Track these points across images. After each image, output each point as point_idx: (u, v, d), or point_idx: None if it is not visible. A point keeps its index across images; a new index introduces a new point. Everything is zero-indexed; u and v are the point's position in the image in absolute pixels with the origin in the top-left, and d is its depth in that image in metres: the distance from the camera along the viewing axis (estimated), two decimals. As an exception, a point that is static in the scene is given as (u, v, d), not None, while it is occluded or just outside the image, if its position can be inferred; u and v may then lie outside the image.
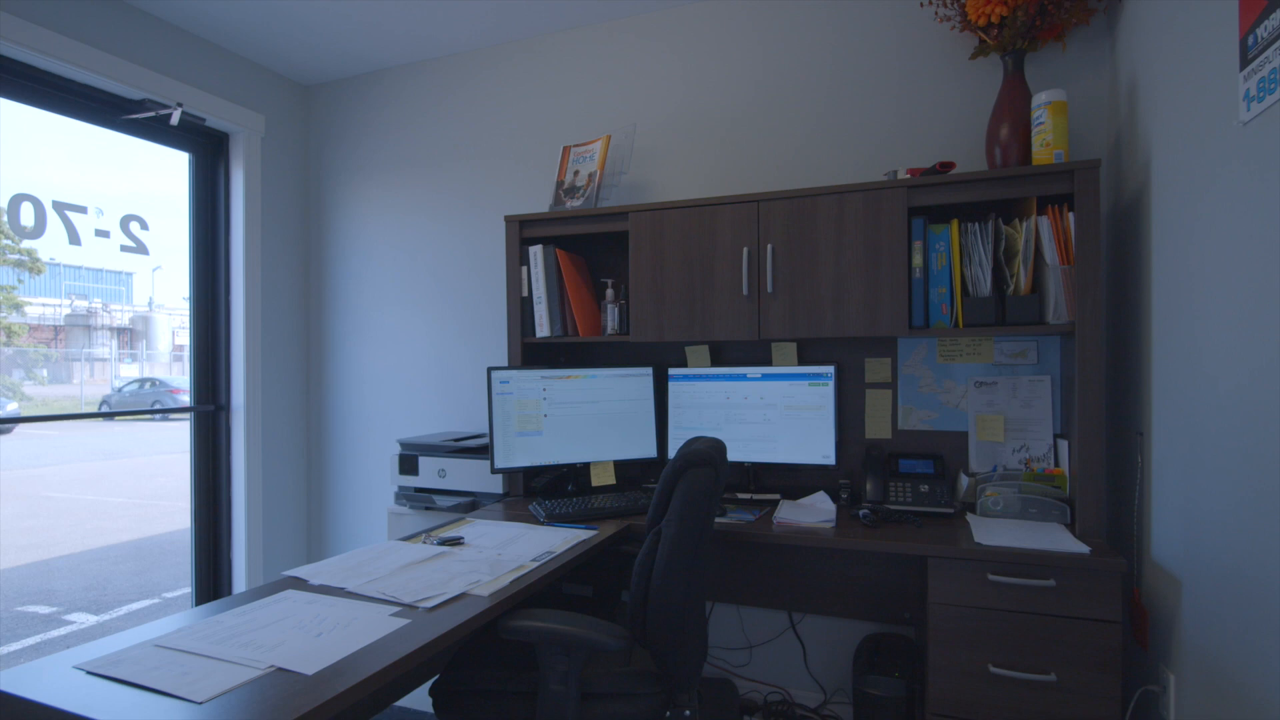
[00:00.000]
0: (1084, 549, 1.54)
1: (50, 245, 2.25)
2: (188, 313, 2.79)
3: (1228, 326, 1.27)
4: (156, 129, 2.54)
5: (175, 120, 2.47)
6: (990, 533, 1.69)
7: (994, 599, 1.58)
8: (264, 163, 2.89)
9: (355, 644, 1.06)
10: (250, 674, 0.95)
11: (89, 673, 0.96)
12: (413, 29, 2.56)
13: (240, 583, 2.80)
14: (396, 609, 1.22)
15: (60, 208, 2.28)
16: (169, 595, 4.04)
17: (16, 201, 2.17)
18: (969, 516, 1.86)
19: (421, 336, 2.86)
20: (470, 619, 1.21)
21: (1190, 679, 1.42)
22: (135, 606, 3.83)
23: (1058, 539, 1.62)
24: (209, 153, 2.78)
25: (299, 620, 1.16)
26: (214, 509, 2.80)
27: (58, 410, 4.94)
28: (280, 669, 0.97)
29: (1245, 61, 1.20)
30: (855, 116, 2.20)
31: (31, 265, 2.78)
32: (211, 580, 2.79)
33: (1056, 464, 1.96)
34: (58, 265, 2.64)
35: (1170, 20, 1.53)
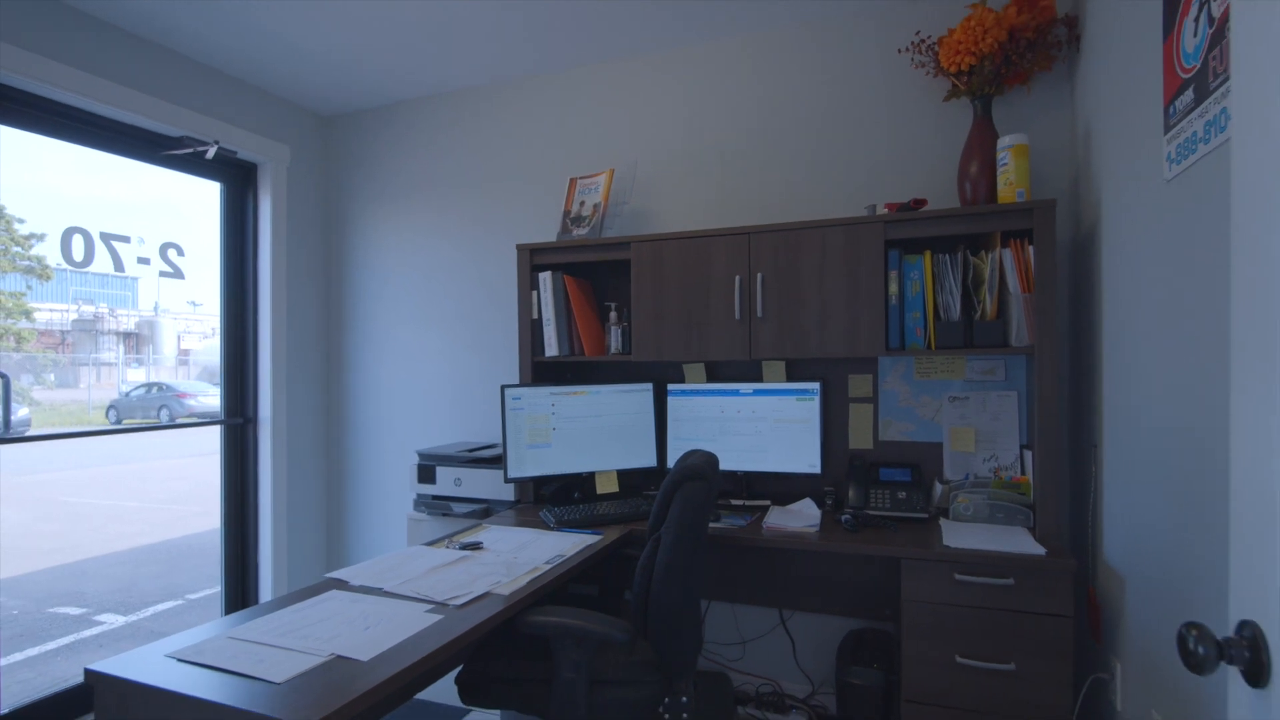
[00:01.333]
0: (1040, 550, 1.72)
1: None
2: (196, 319, 2.98)
3: (1153, 357, 1.45)
4: (193, 162, 2.73)
5: (211, 155, 2.66)
6: (959, 536, 1.86)
7: (960, 596, 1.75)
8: (289, 190, 3.08)
9: (399, 635, 1.24)
10: (315, 660, 1.13)
11: (179, 659, 1.14)
12: (426, 64, 2.74)
13: (266, 585, 2.99)
14: (430, 606, 1.41)
15: (106, 238, 2.47)
16: (192, 597, 4.23)
17: (69, 234, 2.36)
18: (942, 521, 2.03)
19: (435, 352, 3.04)
20: (494, 615, 1.39)
21: (1133, 667, 1.60)
22: (161, 608, 4.02)
23: (1019, 541, 1.80)
24: (239, 182, 2.97)
25: (347, 616, 1.34)
26: (241, 516, 2.99)
27: (66, 415, 5.10)
28: (340, 656, 1.15)
29: (1168, 127, 1.38)
30: (840, 153, 2.39)
31: (40, 271, 2.96)
32: (239, 583, 2.98)
33: (1023, 472, 2.13)
34: (64, 271, 2.77)
35: (1113, 80, 1.71)
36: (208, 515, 6.42)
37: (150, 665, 1.12)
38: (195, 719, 1.01)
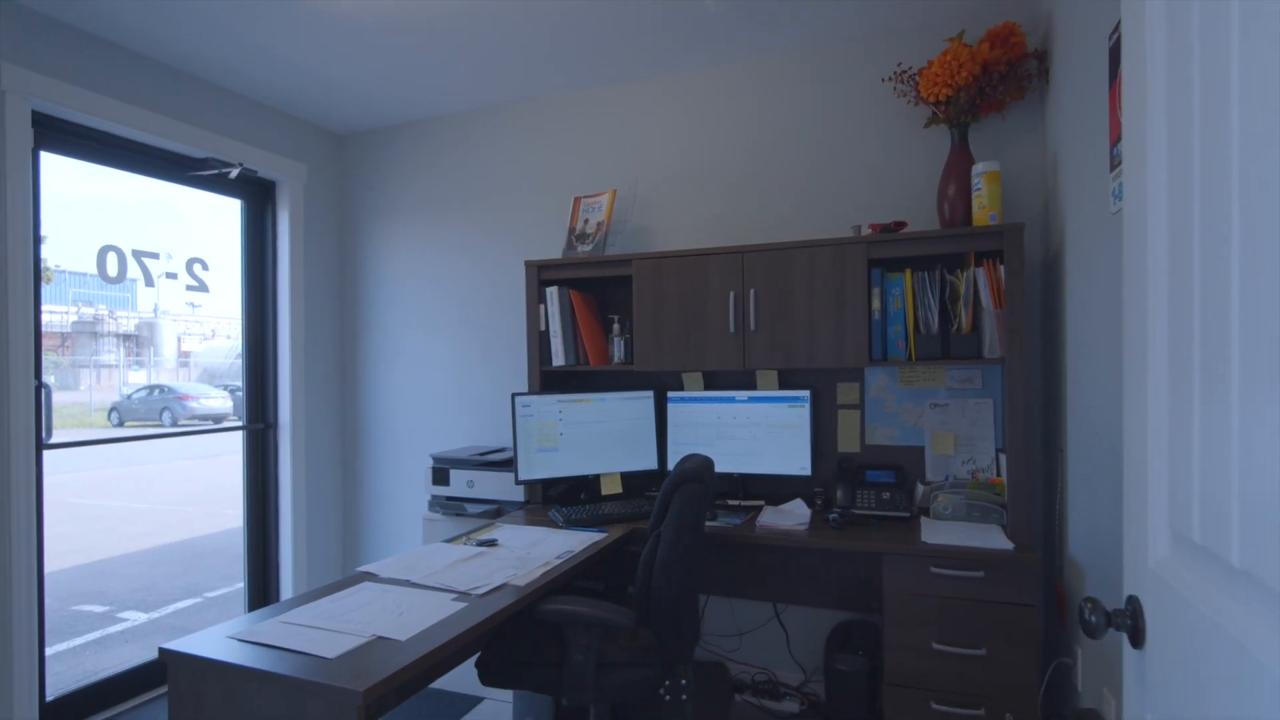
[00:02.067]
0: (1009, 546, 1.88)
1: (129, 287, 2.59)
2: (195, 320, 3.14)
3: (1102, 369, 1.61)
4: (217, 182, 2.89)
5: (234, 175, 2.83)
6: (936, 533, 2.02)
7: (936, 588, 1.91)
8: (305, 206, 3.24)
9: (430, 620, 1.40)
10: (360, 640, 1.29)
11: (240, 640, 1.30)
12: (436, 88, 2.91)
13: (287, 582, 3.14)
14: (455, 595, 1.57)
15: (138, 255, 2.63)
16: (210, 595, 4.39)
17: (104, 252, 2.52)
18: (923, 519, 2.19)
19: (445, 359, 3.20)
20: (511, 603, 1.55)
21: (1090, 652, 1.76)
22: (181, 605, 4.18)
23: (991, 538, 1.96)
24: (259, 199, 3.13)
25: (382, 604, 1.50)
26: (263, 516, 3.15)
27: (67, 417, 5.21)
28: (381, 637, 1.31)
29: (1112, 165, 1.55)
30: (828, 174, 2.55)
31: (41, 273, 3.10)
32: (261, 580, 3.14)
33: (998, 474, 2.29)
34: (64, 272, 2.90)
35: (1074, 117, 1.88)
36: (216, 517, 6.57)
37: (216, 644, 1.28)
38: (260, 689, 1.17)
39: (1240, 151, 0.59)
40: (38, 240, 2.25)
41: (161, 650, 1.27)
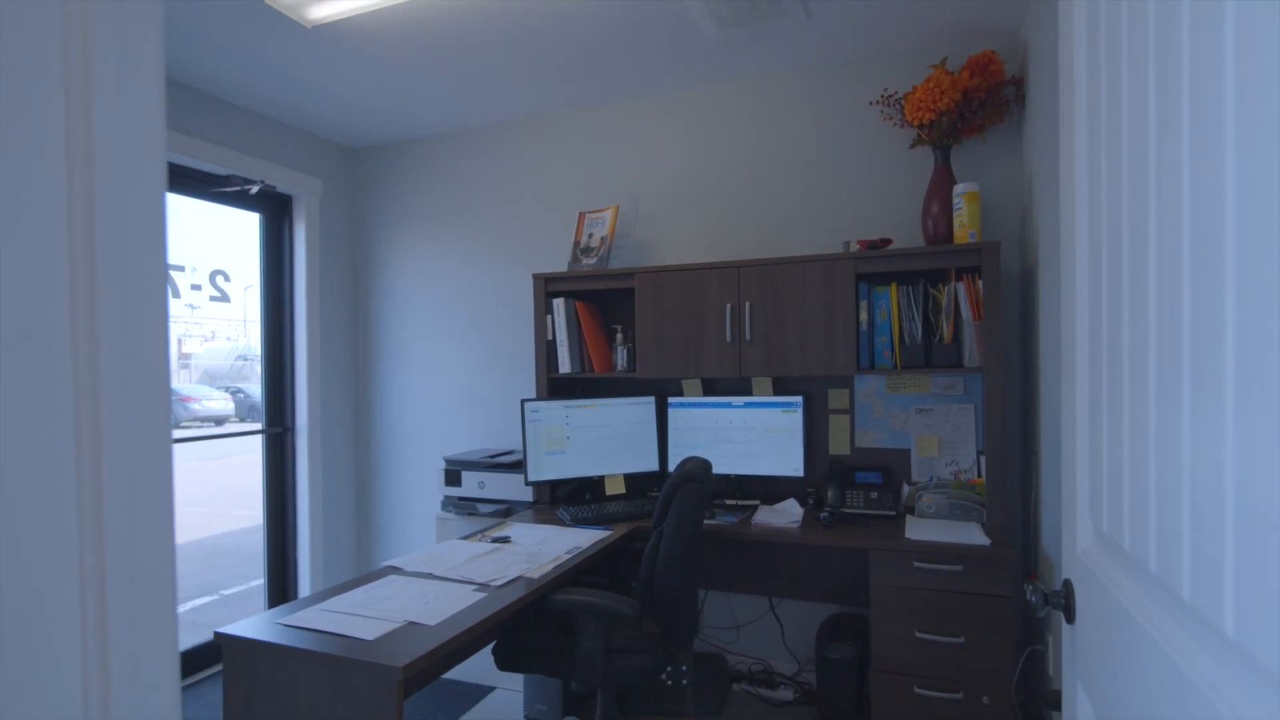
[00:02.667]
0: (985, 542, 2.02)
1: None
2: (195, 322, 3.28)
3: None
4: (238, 197, 3.04)
5: (254, 191, 2.97)
6: (919, 530, 2.17)
7: (919, 581, 2.06)
8: (321, 219, 3.38)
9: (455, 608, 1.55)
10: (393, 625, 1.44)
11: (286, 625, 1.44)
12: (447, 106, 3.05)
13: (305, 579, 3.29)
14: (475, 586, 1.71)
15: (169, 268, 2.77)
16: (227, 592, 4.53)
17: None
18: (908, 518, 2.34)
19: (454, 365, 3.35)
20: (526, 594, 1.69)
21: (1060, 640, 1.91)
22: (199, 602, 4.32)
23: (970, 535, 2.10)
24: (276, 213, 3.28)
25: (409, 595, 1.65)
26: (282, 516, 3.29)
27: None
28: (412, 622, 1.46)
29: (1076, 193, 1.69)
30: (819, 191, 2.70)
31: None
32: (280, 577, 3.28)
33: (979, 475, 2.44)
34: None
35: (1044, 143, 2.03)
36: (225, 518, 6.70)
37: (265, 628, 1.42)
38: (309, 667, 1.32)
39: (1156, 178, 0.73)
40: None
41: (217, 634, 1.41)
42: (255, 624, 1.44)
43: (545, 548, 2.09)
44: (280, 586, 3.29)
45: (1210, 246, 0.54)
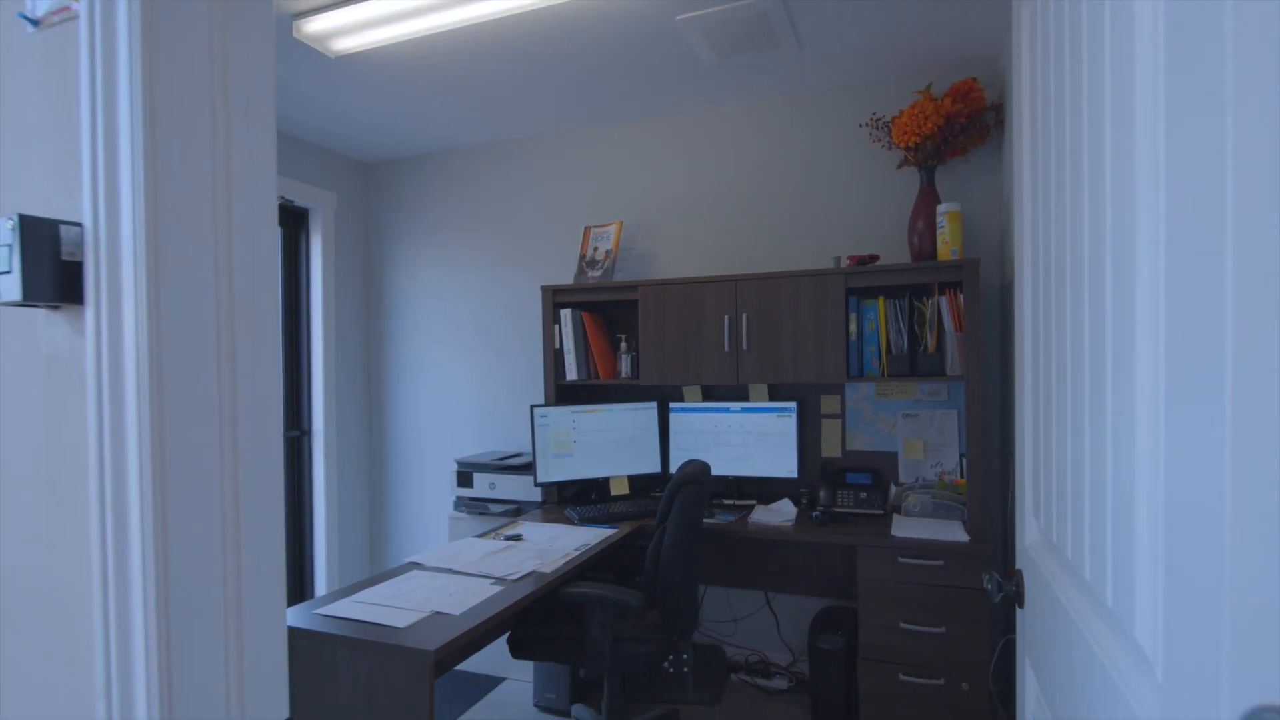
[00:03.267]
0: (965, 538, 2.18)
1: None
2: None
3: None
4: (259, 212, 3.18)
5: (275, 207, 3.12)
6: (905, 528, 2.32)
7: (903, 575, 2.21)
8: (336, 231, 3.53)
9: (476, 599, 1.70)
10: (421, 615, 1.59)
11: (324, 614, 1.59)
12: (457, 122, 3.20)
13: (321, 580, 3.43)
14: (492, 580, 1.86)
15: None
16: (240, 590, 4.67)
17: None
18: (895, 516, 2.49)
19: (464, 371, 3.50)
20: (540, 587, 1.84)
21: (1033, 628, 2.06)
22: (214, 600, 4.47)
23: (951, 532, 2.26)
24: (293, 226, 3.43)
25: (433, 588, 1.80)
26: (299, 517, 3.44)
27: None
28: (439, 612, 1.61)
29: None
30: (812, 208, 2.85)
31: None
32: (297, 577, 3.43)
33: (961, 476, 2.59)
34: None
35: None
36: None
37: (305, 617, 1.57)
38: (348, 652, 1.47)
39: (1072, 212, 0.88)
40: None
41: (262, 622, 1.56)
42: (295, 614, 1.59)
43: (555, 545, 2.24)
44: (297, 585, 3.43)
45: (1121, 271, 0.68)
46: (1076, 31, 0.78)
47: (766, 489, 2.87)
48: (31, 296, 0.58)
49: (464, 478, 2.99)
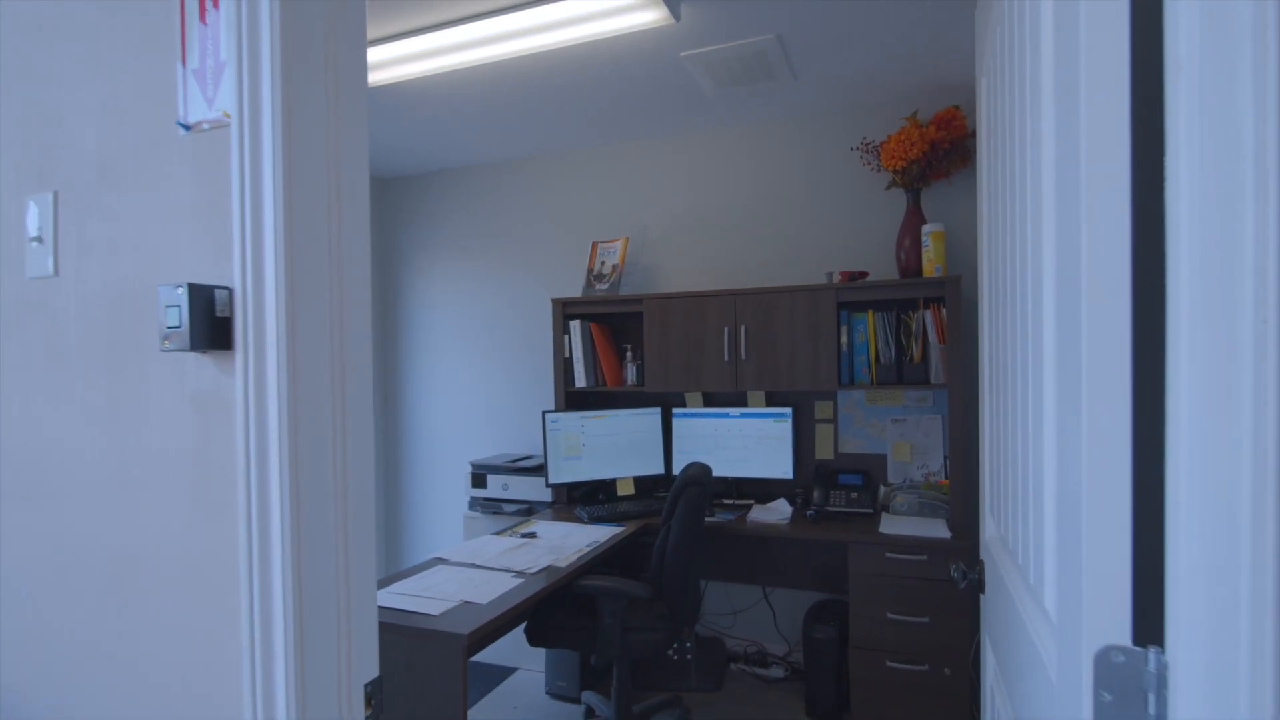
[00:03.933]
0: (947, 535, 2.35)
1: None
2: None
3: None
4: (282, 228, 3.36)
5: (299, 223, 3.29)
6: (892, 526, 2.50)
7: (890, 569, 2.39)
8: (354, 245, 3.70)
9: (499, 590, 1.87)
10: (451, 604, 1.76)
11: (364, 604, 1.76)
12: (469, 141, 3.38)
13: (340, 573, 3.60)
14: (513, 574, 2.04)
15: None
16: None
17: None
18: (883, 515, 2.67)
19: (477, 378, 3.67)
20: (556, 580, 2.02)
21: (1009, 617, 2.24)
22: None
23: (935, 529, 2.43)
24: (315, 240, 3.60)
25: (459, 581, 1.97)
26: (319, 515, 3.61)
27: None
28: (467, 601, 1.78)
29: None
30: (806, 226, 3.03)
31: None
32: (318, 571, 3.60)
33: (945, 477, 2.77)
34: None
35: (997, 192, 2.36)
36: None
37: (348, 607, 1.75)
38: (390, 637, 1.64)
39: (1033, 233, 1.06)
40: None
41: (310, 611, 1.74)
42: (341, 603, 1.77)
43: (568, 542, 2.42)
44: (318, 580, 3.60)
45: (1037, 293, 0.87)
46: (1011, 111, 0.96)
47: (764, 489, 3.05)
48: (195, 346, 0.77)
49: (478, 479, 3.16)
